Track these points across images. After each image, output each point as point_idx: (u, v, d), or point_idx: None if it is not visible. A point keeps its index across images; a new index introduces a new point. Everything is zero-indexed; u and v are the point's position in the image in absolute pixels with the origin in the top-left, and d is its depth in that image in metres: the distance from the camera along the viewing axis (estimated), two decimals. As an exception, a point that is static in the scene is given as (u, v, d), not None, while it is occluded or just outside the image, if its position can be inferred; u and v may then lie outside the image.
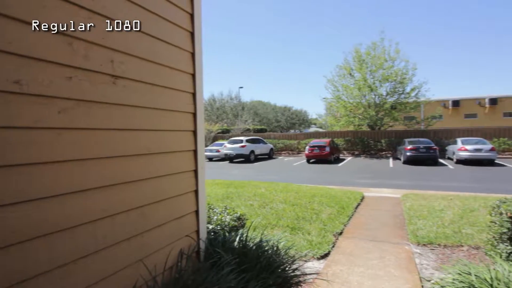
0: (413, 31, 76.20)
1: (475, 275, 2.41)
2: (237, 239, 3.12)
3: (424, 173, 13.79)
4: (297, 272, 2.98)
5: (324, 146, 19.06)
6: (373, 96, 24.33)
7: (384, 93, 24.26)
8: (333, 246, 4.58)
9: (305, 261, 4.06)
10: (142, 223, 2.33)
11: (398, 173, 14.16)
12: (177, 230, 2.74)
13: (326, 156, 18.81)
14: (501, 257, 3.37)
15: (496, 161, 16.01)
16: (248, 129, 33.15)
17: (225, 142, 22.45)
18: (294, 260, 3.12)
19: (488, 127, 22.69)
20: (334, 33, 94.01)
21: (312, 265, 3.93)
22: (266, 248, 3.01)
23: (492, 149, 15.69)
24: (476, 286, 2.35)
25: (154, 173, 2.47)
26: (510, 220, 3.41)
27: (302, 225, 5.49)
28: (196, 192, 3.02)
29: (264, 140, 24.69)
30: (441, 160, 17.61)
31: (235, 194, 8.21)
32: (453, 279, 2.59)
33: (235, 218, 3.94)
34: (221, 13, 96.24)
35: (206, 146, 25.33)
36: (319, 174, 14.42)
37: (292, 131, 52.93)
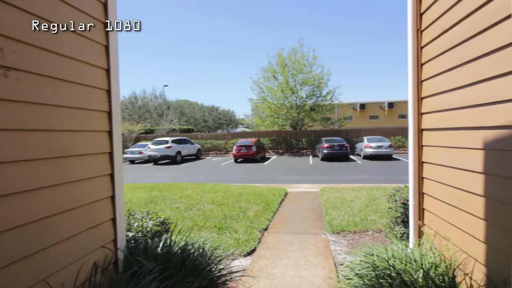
0: (328, 40, 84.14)
1: (377, 255, 2.78)
2: (161, 244, 2.97)
3: (338, 168, 15.35)
4: (224, 272, 2.99)
5: (251, 146, 19.60)
6: (295, 98, 26.03)
7: (304, 96, 26.20)
8: (259, 242, 4.74)
9: (233, 259, 4.11)
10: (46, 237, 2.03)
11: (316, 169, 15.45)
12: (90, 241, 2.47)
13: (253, 156, 19.37)
14: (396, 238, 3.97)
15: (393, 156, 18.80)
16: (174, 129, 31.90)
17: (149, 143, 21.18)
18: (221, 260, 3.13)
19: (387, 127, 26.52)
20: (260, 36, 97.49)
21: (239, 263, 4.00)
22: (192, 251, 2.95)
23: (390, 146, 18.38)
24: (378, 264, 2.71)
25: (61, 179, 2.18)
26: (403, 205, 4.04)
27: (230, 224, 5.54)
28: (112, 198, 2.77)
29: (191, 140, 24.12)
30: (351, 156, 19.89)
31: (160, 198, 7.82)
32: (360, 261, 2.95)
33: (158, 223, 3.75)
34: (143, 10, 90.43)
35: (127, 147, 23.49)
36: (247, 173, 14.76)
37: (219, 131, 52.93)
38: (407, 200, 3.76)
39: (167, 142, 20.30)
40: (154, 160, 20.01)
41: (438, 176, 3.09)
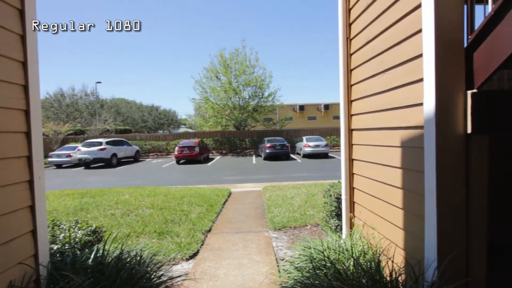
0: (270, 44, 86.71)
1: (314, 248, 2.96)
2: (92, 256, 2.73)
3: (280, 167, 15.91)
4: (164, 278, 2.87)
5: (194, 147, 19.17)
6: (238, 99, 26.24)
7: (247, 97, 26.56)
8: (202, 244, 4.66)
9: (174, 264, 3.98)
10: None
11: (259, 168, 15.79)
12: (4, 258, 2.15)
13: (196, 156, 18.96)
14: (331, 230, 4.27)
15: (329, 154, 20.18)
16: (108, 130, 29.52)
17: (79, 145, 19.28)
18: (161, 266, 3.00)
19: (324, 127, 28.35)
20: (202, 35, 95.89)
21: (181, 267, 3.88)
22: (128, 260, 2.77)
23: (326, 145, 19.69)
24: (315, 256, 2.89)
25: (-39, 189, 1.86)
26: (337, 200, 4.36)
27: (171, 228, 5.34)
28: (32, 207, 2.46)
29: (129, 142, 22.63)
30: (292, 155, 20.80)
31: (92, 205, 7.18)
32: (299, 255, 3.10)
33: (89, 232, 3.44)
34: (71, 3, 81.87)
35: (53, 150, 21.04)
36: (190, 174, 14.39)
37: (160, 131, 50.60)
38: (340, 195, 4.08)
39: (100, 143, 18.71)
40: (86, 164, 18.29)
41: (365, 171, 3.41)
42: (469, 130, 2.10)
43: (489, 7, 2.02)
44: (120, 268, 2.58)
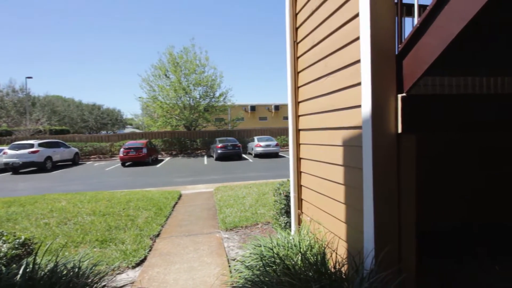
0: (221, 45, 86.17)
1: (264, 246, 3.02)
2: (21, 271, 2.43)
3: (231, 167, 15.91)
4: (107, 289, 2.68)
5: (141, 148, 18.23)
6: (188, 99, 25.59)
7: (198, 96, 26.05)
8: (150, 250, 4.46)
9: (119, 273, 3.74)
10: None
11: (211, 169, 15.61)
12: None
13: (143, 158, 18.05)
14: (281, 227, 4.39)
15: (280, 154, 20.75)
16: (41, 131, 26.59)
17: (5, 148, 17.06)
18: (103, 277, 2.79)
19: (274, 128, 29.06)
20: (149, 31, 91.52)
21: (126, 276, 3.66)
22: (64, 273, 2.53)
23: (277, 145, 20.22)
24: (265, 253, 2.94)
25: None
26: (286, 198, 4.50)
27: (115, 235, 5.00)
28: None
29: (66, 143, 20.65)
30: (244, 155, 20.95)
31: (21, 214, 6.41)
32: (250, 253, 3.13)
33: (17, 245, 3.06)
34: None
35: (-30, 154, 18.27)
36: (137, 177, 13.64)
37: (103, 132, 47.08)
38: (289, 193, 4.22)
39: (32, 146, 16.77)
40: (14, 169, 16.24)
41: (312, 169, 3.57)
42: (399, 130, 2.32)
43: (415, 20, 2.27)
44: (54, 283, 2.35)
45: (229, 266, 3.78)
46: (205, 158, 21.36)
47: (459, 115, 2.47)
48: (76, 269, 2.59)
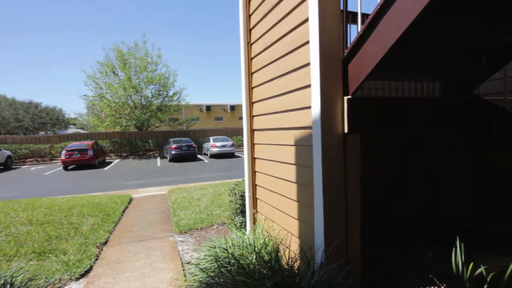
0: (173, 39, 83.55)
1: (218, 247, 3.00)
2: None
3: (186, 168, 15.53)
4: (45, 305, 2.44)
5: (86, 150, 16.92)
6: (140, 97, 24.39)
7: (150, 95, 24.94)
8: (96, 259, 4.16)
9: (60, 286, 3.43)
10: None
11: (165, 171, 15.06)
12: None
13: (89, 161, 16.78)
14: (236, 227, 4.40)
15: (235, 154, 20.77)
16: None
17: None
18: (41, 292, 2.54)
19: (230, 128, 29.02)
20: (93, 25, 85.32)
21: (69, 289, 3.38)
22: (-8, 291, 2.25)
23: (232, 145, 20.22)
24: (220, 254, 2.92)
25: None
26: (241, 197, 4.52)
27: (56, 246, 4.58)
28: None
29: (-5, 145, 18.36)
30: (199, 156, 20.60)
31: None
32: (205, 255, 3.09)
33: None
34: None
35: None
36: (81, 181, 12.63)
37: (42, 133, 42.72)
38: (244, 192, 4.24)
39: (-49, 148, 14.61)
40: None
41: (266, 169, 3.64)
42: (346, 130, 2.47)
43: (359, 27, 2.43)
44: (-21, 303, 2.07)
45: (184, 270, 3.68)
46: (158, 159, 20.55)
47: (396, 116, 2.70)
48: (8, 286, 2.32)
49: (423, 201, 4.70)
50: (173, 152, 18.42)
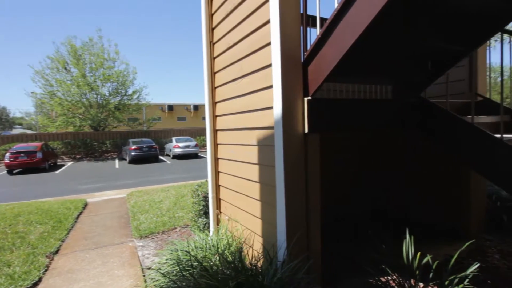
0: (136, 40, 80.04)
1: (181, 250, 2.93)
2: None
3: (147, 170, 14.95)
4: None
5: (35, 152, 15.56)
6: (95, 96, 22.99)
7: (107, 93, 23.62)
8: (46, 270, 3.84)
9: (3, 303, 3.12)
10: None
11: (124, 173, 14.36)
12: None
13: (37, 164, 15.44)
14: (200, 229, 4.33)
15: (199, 155, 20.43)
16: None
17: None
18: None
19: (194, 128, 28.49)
20: (37, 18, 78.82)
21: (14, 304, 3.08)
22: None
23: (196, 145, 19.86)
24: (182, 258, 2.86)
25: None
26: (204, 198, 4.46)
27: (-2, 258, 4.15)
28: None
29: None
30: (161, 157, 19.95)
31: None
32: (166, 259, 3.00)
33: None
34: None
35: None
36: (29, 186, 11.58)
37: (-19, 133, 38.50)
38: (207, 193, 4.19)
39: None
40: None
41: (229, 169, 3.63)
42: (306, 130, 2.55)
43: (318, 31, 2.52)
44: None
45: (144, 276, 3.54)
46: (117, 161, 19.53)
47: (352, 116, 2.84)
48: None
49: (377, 197, 5.00)
50: (132, 153, 17.63)
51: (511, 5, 2.37)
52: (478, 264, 2.44)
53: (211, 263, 2.67)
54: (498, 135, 2.46)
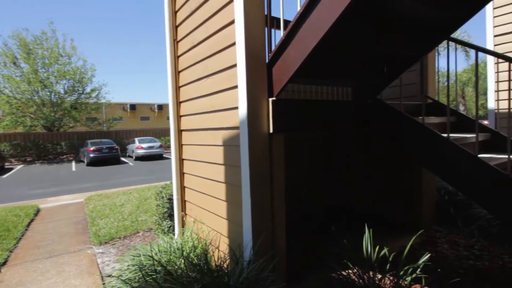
0: (97, 35, 75.73)
1: (143, 255, 2.82)
2: None
3: (108, 172, 14.21)
4: None
5: (-23, 154, 14.11)
6: (49, 93, 21.38)
7: (62, 91, 22.08)
8: (-10, 284, 3.50)
9: None
10: None
11: (82, 176, 13.52)
12: None
13: (-20, 168, 14.02)
14: (164, 232, 4.21)
15: (164, 156, 19.84)
16: None
17: None
18: None
19: (158, 128, 27.61)
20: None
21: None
22: None
23: (160, 146, 19.26)
24: (145, 263, 2.75)
25: None
26: (169, 201, 4.34)
27: None
28: None
29: None
30: (123, 159, 19.06)
31: None
32: (128, 265, 2.87)
33: None
34: None
35: None
36: (-31, 193, 10.46)
37: None
38: (172, 195, 4.08)
39: None
40: None
41: (194, 170, 3.57)
42: (271, 130, 2.58)
43: (281, 33, 2.56)
44: None
45: (104, 284, 3.36)
46: (73, 164, 18.33)
47: (315, 117, 2.93)
48: None
49: (341, 195, 5.21)
50: (91, 155, 16.65)
51: (455, 15, 2.60)
52: (429, 254, 2.63)
53: (176, 267, 2.61)
54: (445, 135, 2.68)
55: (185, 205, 3.86)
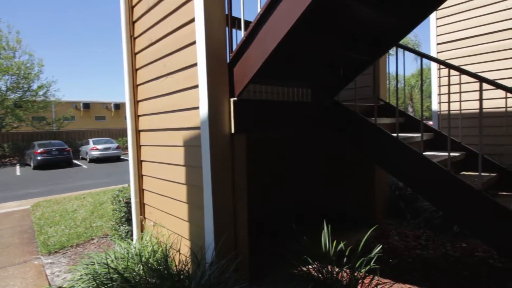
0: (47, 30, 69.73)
1: (98, 263, 2.66)
2: None
3: (58, 176, 13.17)
4: None
5: None
6: (-13, 90, 19.29)
7: (4, 88, 20.01)
8: None
9: None
10: None
11: (28, 181, 12.38)
12: None
13: None
14: (121, 238, 4.01)
15: (122, 157, 18.88)
16: None
17: None
18: None
19: (115, 128, 26.25)
20: None
21: None
22: None
23: (118, 147, 18.30)
24: (99, 271, 2.59)
25: None
26: (126, 204, 4.14)
27: None
28: None
29: None
30: (75, 161, 17.80)
31: None
32: (81, 275, 2.68)
33: None
34: None
35: None
36: None
37: None
38: (130, 199, 3.90)
39: None
40: None
41: (153, 172, 3.44)
42: (233, 130, 2.58)
43: (242, 33, 2.57)
44: None
45: (54, 297, 3.11)
46: (18, 167, 16.72)
47: (276, 117, 2.99)
48: None
49: (301, 194, 5.35)
50: (38, 157, 15.32)
51: (403, 23, 2.81)
52: (381, 246, 2.81)
53: (134, 274, 2.50)
54: (395, 134, 2.88)
55: (144, 208, 3.71)
